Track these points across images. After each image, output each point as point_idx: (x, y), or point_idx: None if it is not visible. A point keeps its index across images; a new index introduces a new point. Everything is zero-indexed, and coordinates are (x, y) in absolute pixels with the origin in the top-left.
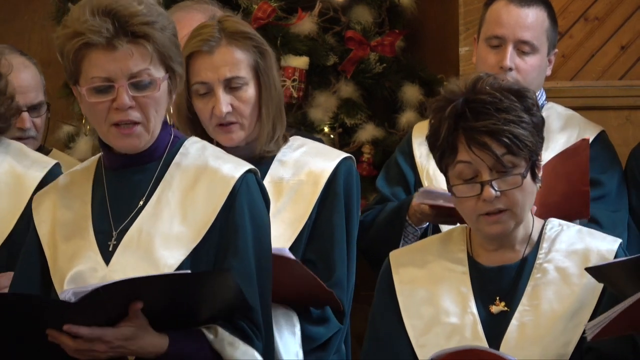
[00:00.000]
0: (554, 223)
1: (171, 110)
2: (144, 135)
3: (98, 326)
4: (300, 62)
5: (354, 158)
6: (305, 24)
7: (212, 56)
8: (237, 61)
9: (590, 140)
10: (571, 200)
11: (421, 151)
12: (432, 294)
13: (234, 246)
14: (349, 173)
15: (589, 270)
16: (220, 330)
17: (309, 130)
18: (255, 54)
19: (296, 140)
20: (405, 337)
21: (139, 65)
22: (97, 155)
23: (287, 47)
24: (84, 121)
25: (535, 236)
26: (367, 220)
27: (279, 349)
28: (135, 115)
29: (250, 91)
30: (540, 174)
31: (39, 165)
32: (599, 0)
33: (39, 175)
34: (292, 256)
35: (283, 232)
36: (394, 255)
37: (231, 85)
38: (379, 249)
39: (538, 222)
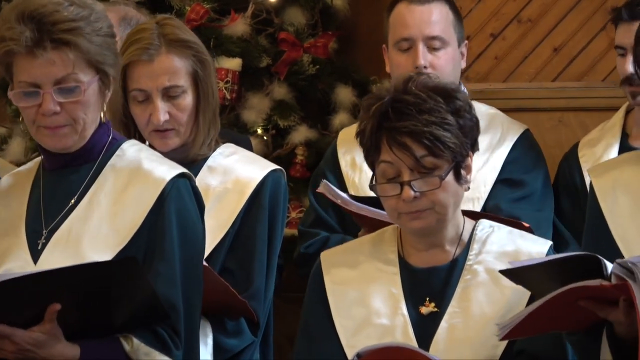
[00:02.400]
0: (484, 224)
1: (104, 109)
2: (72, 135)
3: (12, 324)
4: (233, 63)
5: (284, 170)
6: (238, 26)
7: (152, 64)
8: (176, 70)
9: (514, 140)
10: None
11: (346, 160)
12: (363, 295)
13: (160, 250)
14: (277, 185)
15: (503, 272)
16: (136, 341)
17: (242, 132)
18: (195, 63)
19: (228, 147)
20: (336, 337)
21: (62, 71)
22: (40, 157)
23: (220, 48)
24: (21, 119)
25: (466, 237)
26: (309, 253)
27: None
28: (61, 120)
29: (188, 99)
30: (469, 176)
31: None
32: (532, 2)
33: None
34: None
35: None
36: (325, 256)
37: (169, 94)
38: None
39: (469, 222)
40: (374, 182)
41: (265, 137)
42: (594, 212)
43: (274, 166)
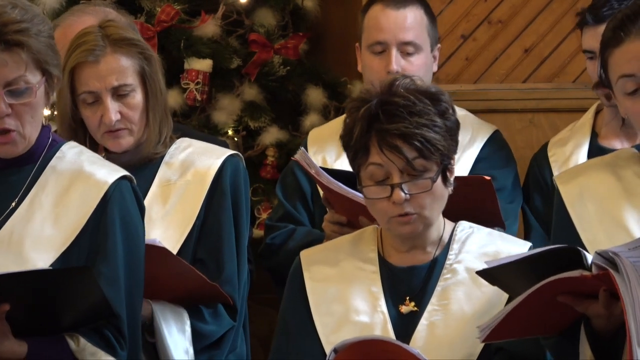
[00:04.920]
0: (464, 225)
1: (45, 113)
2: (20, 142)
3: None
4: (204, 65)
5: (240, 155)
6: (209, 27)
7: (98, 65)
8: (123, 69)
9: (485, 140)
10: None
11: (317, 159)
12: (343, 293)
13: (103, 252)
14: (236, 170)
15: (480, 273)
16: (83, 340)
17: (213, 133)
18: (141, 60)
19: (183, 141)
20: (315, 334)
21: (14, 73)
22: None
23: (190, 50)
24: None
25: (446, 238)
26: (275, 244)
27: (168, 347)
28: (11, 122)
29: (137, 97)
30: (452, 178)
31: None
32: (503, 3)
33: None
34: (162, 245)
35: (172, 233)
36: (305, 254)
37: (119, 93)
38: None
39: (449, 224)
40: (361, 185)
41: (235, 139)
42: (562, 218)
43: (230, 151)
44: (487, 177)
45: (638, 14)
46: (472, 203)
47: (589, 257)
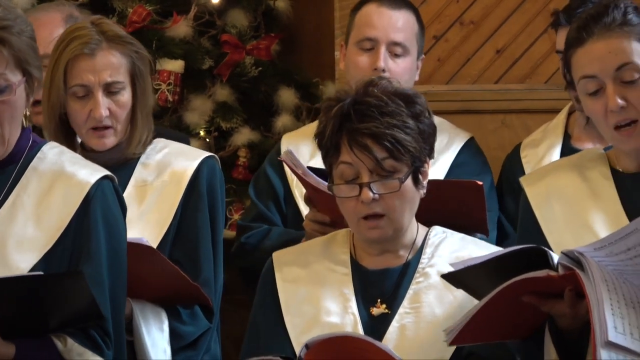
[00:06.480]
0: (437, 230)
1: (27, 114)
2: (0, 144)
3: None
4: (176, 65)
5: (217, 157)
6: (181, 28)
7: (94, 59)
8: (117, 65)
9: (461, 146)
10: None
11: None
12: (314, 294)
13: (86, 252)
14: (212, 171)
15: (445, 277)
16: (70, 340)
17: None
18: (135, 59)
19: (159, 142)
20: (286, 335)
21: None
22: None
23: (162, 50)
24: None
25: (419, 242)
26: (250, 243)
27: (146, 345)
28: None
29: (126, 95)
30: (425, 182)
31: None
32: (475, 4)
33: None
34: (149, 244)
35: (149, 233)
36: (277, 255)
37: (110, 90)
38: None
39: (422, 228)
40: (332, 183)
41: (207, 139)
42: (528, 220)
43: (206, 153)
44: (480, 182)
45: (601, 14)
46: (460, 208)
47: (555, 257)
